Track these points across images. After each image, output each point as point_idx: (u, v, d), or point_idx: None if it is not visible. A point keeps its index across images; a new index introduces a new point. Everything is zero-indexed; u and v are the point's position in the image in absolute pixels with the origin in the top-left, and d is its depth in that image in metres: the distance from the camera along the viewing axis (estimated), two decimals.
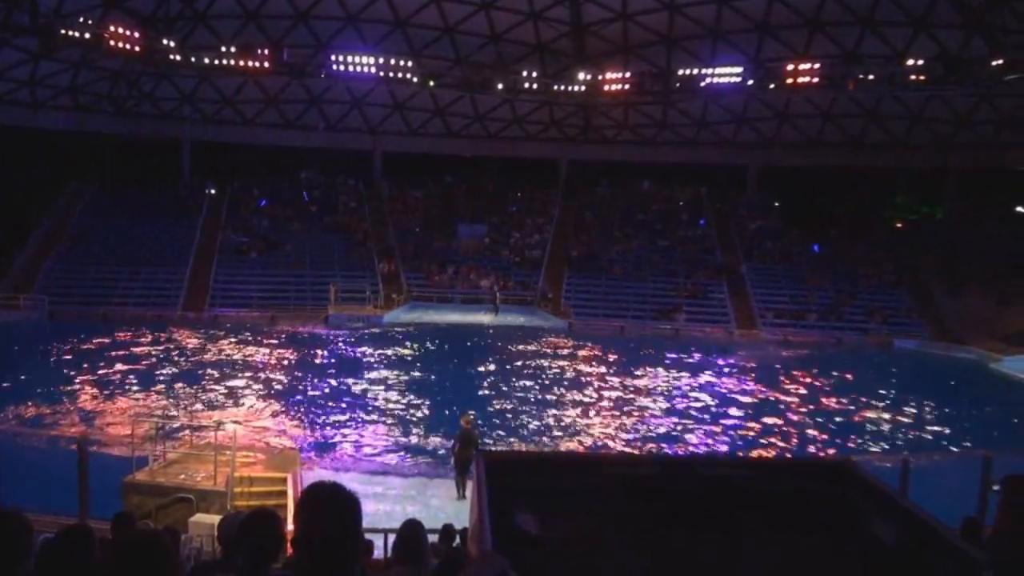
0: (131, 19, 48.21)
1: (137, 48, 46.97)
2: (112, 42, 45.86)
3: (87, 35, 45.27)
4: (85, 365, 34.19)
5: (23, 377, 31.95)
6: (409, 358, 39.60)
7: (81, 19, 45.31)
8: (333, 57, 52.15)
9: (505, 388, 33.80)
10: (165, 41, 48.54)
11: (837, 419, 30.47)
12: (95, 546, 4.94)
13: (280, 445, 24.07)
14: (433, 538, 11.41)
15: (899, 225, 64.58)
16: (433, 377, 35.46)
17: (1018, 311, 47.18)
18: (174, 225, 54.95)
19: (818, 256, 56.65)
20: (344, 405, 30.20)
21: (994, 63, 44.27)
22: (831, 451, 25.88)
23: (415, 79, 54.03)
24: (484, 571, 3.41)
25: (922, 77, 47.31)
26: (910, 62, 47.28)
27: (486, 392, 33.05)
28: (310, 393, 32.05)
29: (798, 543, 4.43)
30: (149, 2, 49.53)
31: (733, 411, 31.53)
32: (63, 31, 44.73)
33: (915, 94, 51.64)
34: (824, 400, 33.27)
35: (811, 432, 28.56)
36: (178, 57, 49.45)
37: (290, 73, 54.04)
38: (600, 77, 53.68)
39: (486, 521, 4.00)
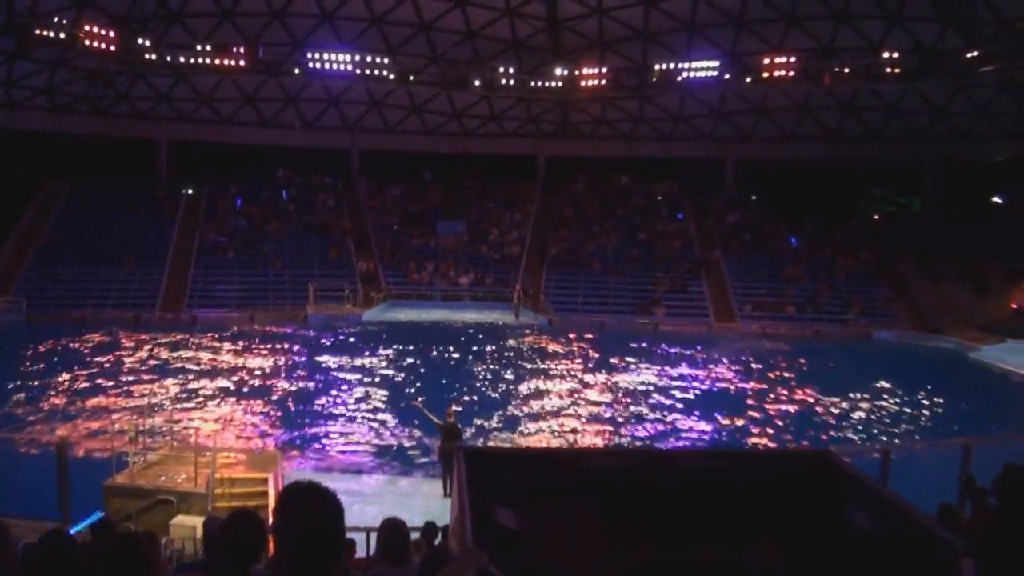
0: (106, 18, 47.95)
1: (112, 47, 46.72)
2: (87, 41, 45.58)
3: (62, 35, 44.98)
4: (64, 368, 34.06)
5: (2, 380, 31.75)
6: (389, 356, 39.53)
7: (56, 19, 45.03)
8: (309, 55, 51.97)
9: (485, 385, 33.84)
10: (140, 40, 48.27)
11: (816, 410, 30.65)
12: (77, 550, 4.93)
13: (260, 445, 24.05)
14: (415, 536, 11.43)
15: (876, 217, 64.88)
16: (413, 375, 35.45)
17: (995, 300, 47.55)
18: (151, 225, 54.68)
19: (796, 249, 56.83)
20: (324, 404, 30.19)
21: (969, 55, 44.51)
22: (810, 442, 25.98)
23: (392, 76, 53.88)
24: (465, 567, 3.42)
25: (897, 70, 47.57)
26: (885, 55, 47.51)
27: (466, 389, 33.02)
28: (290, 393, 31.99)
29: (777, 533, 4.45)
30: (124, 1, 49.20)
31: (712, 404, 31.61)
32: (38, 31, 44.46)
33: (891, 87, 51.89)
34: (803, 392, 33.40)
35: (790, 424, 28.70)
36: (153, 56, 49.15)
37: (266, 71, 53.80)
38: (577, 73, 53.67)
39: (467, 517, 4.01)
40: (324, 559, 3.43)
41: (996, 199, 58.33)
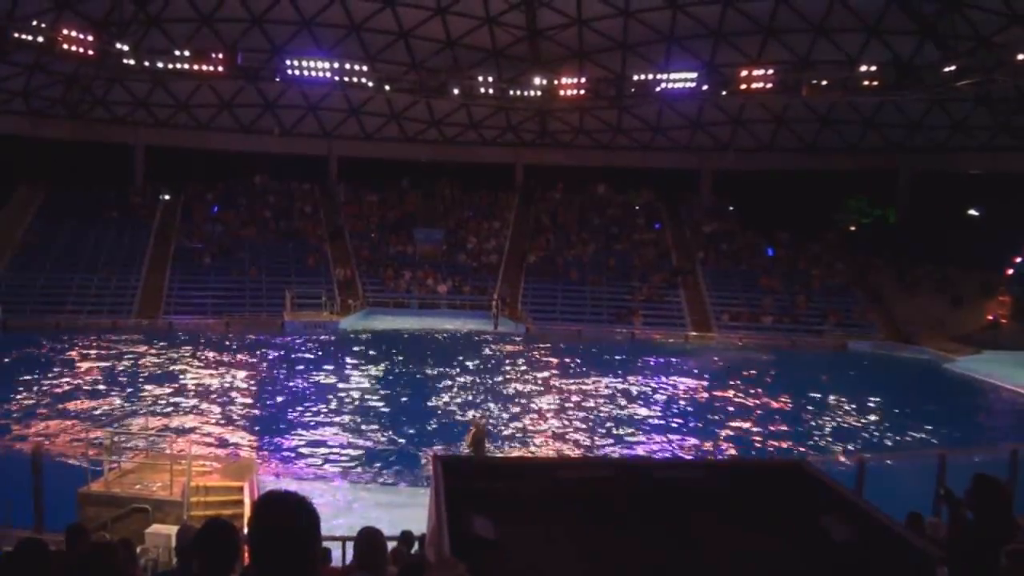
0: (84, 22, 47.72)
1: (90, 52, 46.43)
2: (65, 45, 45.30)
3: (40, 38, 44.70)
4: (39, 375, 33.76)
5: None
6: (366, 365, 39.47)
7: (34, 22, 44.77)
8: (288, 61, 51.83)
9: (462, 393, 33.83)
10: (118, 45, 47.99)
11: (791, 421, 30.73)
12: (50, 561, 4.91)
13: (236, 453, 23.94)
14: (393, 545, 11.40)
15: (852, 228, 65.21)
16: (391, 384, 35.40)
17: (970, 312, 47.88)
18: (127, 231, 54.40)
19: (772, 259, 57.06)
20: (301, 412, 30.07)
21: (945, 69, 44.78)
22: (785, 453, 26.03)
23: (370, 84, 53.78)
24: None
25: (875, 83, 47.78)
26: (863, 68, 47.72)
27: (443, 398, 33.04)
28: (266, 401, 31.90)
29: (752, 544, 4.46)
30: (102, 5, 48.97)
31: (688, 414, 31.73)
32: (15, 34, 44.16)
33: (868, 99, 52.15)
34: (778, 402, 33.51)
35: (765, 434, 28.78)
36: (132, 61, 48.88)
37: (245, 77, 53.61)
38: (555, 82, 53.73)
39: (444, 526, 4.00)
40: (299, 569, 3.42)
41: (972, 212, 58.72)
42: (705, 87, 52.38)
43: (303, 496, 3.54)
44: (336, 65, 51.98)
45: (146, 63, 49.40)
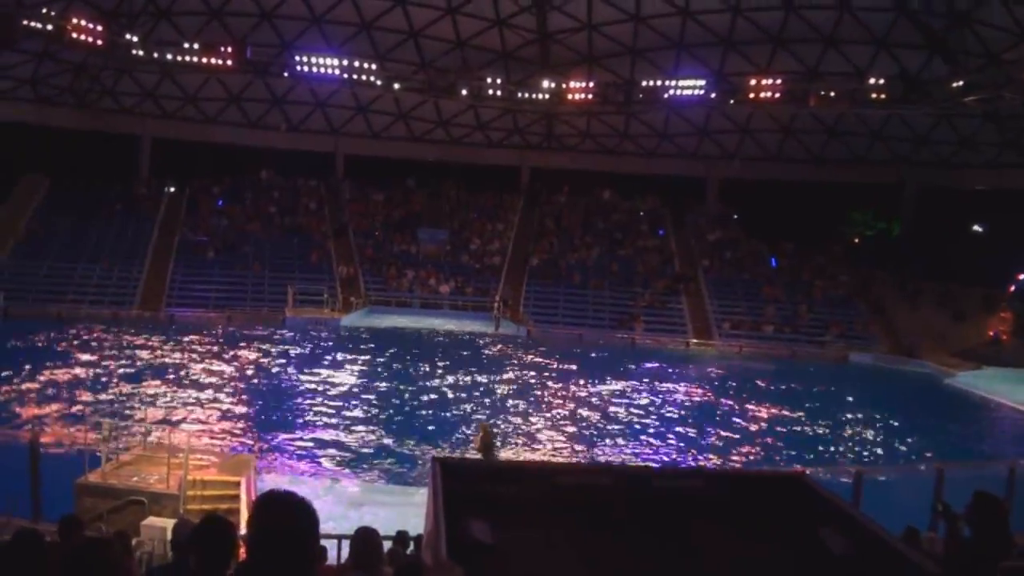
0: (94, 12, 47.71)
1: (99, 41, 46.37)
2: (74, 34, 45.28)
3: (50, 26, 44.68)
4: (39, 364, 33.66)
5: None
6: (366, 363, 39.42)
7: (44, 10, 44.78)
8: (297, 57, 51.77)
9: (461, 395, 33.76)
10: (128, 35, 48.02)
11: (791, 432, 30.68)
12: (46, 553, 4.90)
13: (235, 446, 23.94)
14: (388, 545, 11.38)
15: (856, 240, 65.11)
16: (390, 382, 35.34)
17: (972, 327, 47.84)
18: (131, 223, 54.39)
19: (775, 269, 56.97)
20: (299, 409, 30.07)
21: (953, 84, 44.69)
22: (784, 464, 26.01)
23: (379, 82, 53.75)
24: None
25: (882, 95, 47.70)
26: (871, 80, 47.66)
27: (443, 399, 33.01)
28: (265, 396, 31.87)
29: (750, 555, 4.46)
30: None
31: (687, 422, 31.65)
32: (25, 21, 44.14)
33: (875, 112, 52.08)
34: (778, 412, 33.42)
35: (765, 445, 28.74)
36: (140, 52, 48.89)
37: (253, 72, 53.64)
38: (564, 86, 53.67)
39: (441, 529, 3.99)
40: (297, 569, 3.42)
41: (976, 227, 58.66)
42: (713, 95, 52.33)
43: (303, 497, 3.54)
44: (345, 63, 51.92)
45: (155, 55, 49.40)
